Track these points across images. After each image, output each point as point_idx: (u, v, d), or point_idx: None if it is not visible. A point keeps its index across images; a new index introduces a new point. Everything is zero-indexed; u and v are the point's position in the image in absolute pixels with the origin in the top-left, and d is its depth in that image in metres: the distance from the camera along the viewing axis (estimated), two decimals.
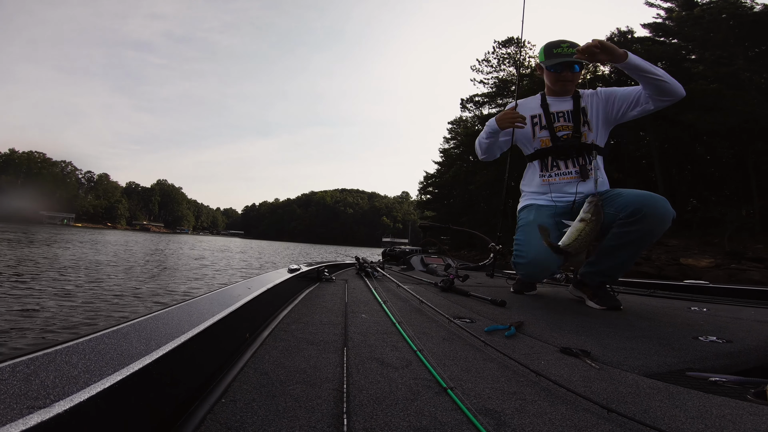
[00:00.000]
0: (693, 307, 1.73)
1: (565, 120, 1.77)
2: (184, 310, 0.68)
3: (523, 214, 1.84)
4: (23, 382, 0.33)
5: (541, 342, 0.99)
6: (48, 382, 0.34)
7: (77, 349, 0.42)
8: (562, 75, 1.74)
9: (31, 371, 0.35)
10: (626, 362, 0.85)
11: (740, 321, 1.41)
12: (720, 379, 0.75)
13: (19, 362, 0.36)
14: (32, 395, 0.31)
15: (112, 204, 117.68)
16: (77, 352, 0.41)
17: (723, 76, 14.32)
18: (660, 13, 18.83)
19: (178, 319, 0.62)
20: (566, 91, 1.80)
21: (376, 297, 1.50)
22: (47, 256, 9.42)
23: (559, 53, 1.71)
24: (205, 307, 0.72)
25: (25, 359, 0.37)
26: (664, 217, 1.44)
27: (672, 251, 13.79)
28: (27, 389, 0.32)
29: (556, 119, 1.78)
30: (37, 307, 3.91)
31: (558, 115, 1.78)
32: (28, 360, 0.37)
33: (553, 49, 1.72)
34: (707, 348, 0.98)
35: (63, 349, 0.42)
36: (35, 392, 0.32)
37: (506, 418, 0.54)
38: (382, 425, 0.50)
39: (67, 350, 0.42)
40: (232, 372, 0.65)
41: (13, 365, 0.36)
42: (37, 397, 0.31)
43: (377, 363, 0.75)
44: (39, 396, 0.31)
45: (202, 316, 0.65)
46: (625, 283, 2.62)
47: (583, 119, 1.76)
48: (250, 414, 0.51)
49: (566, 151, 1.73)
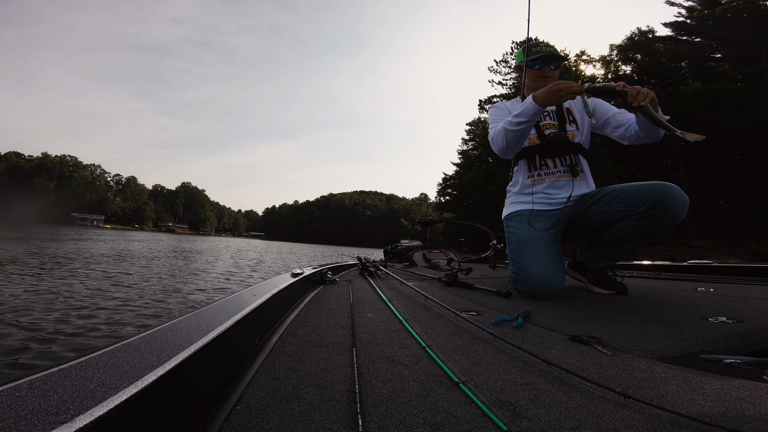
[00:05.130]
0: (699, 288, 1.73)
1: (551, 119, 1.77)
2: (192, 321, 0.68)
3: (514, 224, 1.74)
4: (41, 398, 0.33)
5: (550, 331, 0.99)
6: (66, 397, 0.34)
7: (91, 364, 0.43)
8: (543, 71, 1.75)
9: (48, 387, 0.35)
10: (638, 347, 0.84)
11: (748, 300, 1.40)
12: (735, 360, 0.75)
13: (36, 379, 0.37)
14: (53, 410, 0.31)
15: (140, 206, 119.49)
16: (91, 367, 0.42)
17: (748, 74, 14.26)
18: (681, 12, 18.89)
19: (187, 329, 0.62)
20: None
21: (381, 296, 1.50)
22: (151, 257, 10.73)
23: (538, 51, 1.74)
24: (213, 316, 0.73)
25: (41, 375, 0.38)
26: (684, 206, 1.43)
27: (697, 252, 13.75)
28: (47, 405, 0.32)
29: (542, 117, 1.77)
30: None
31: (543, 113, 1.77)
32: (44, 376, 0.38)
33: (532, 48, 1.76)
34: (718, 329, 0.98)
35: (77, 364, 0.42)
36: (55, 407, 0.32)
37: (521, 409, 0.54)
38: (397, 423, 0.51)
39: (81, 365, 0.42)
40: (244, 379, 0.65)
41: (29, 382, 0.36)
42: (58, 413, 0.31)
43: (387, 361, 0.75)
44: (59, 411, 0.31)
45: (211, 325, 0.65)
46: (628, 266, 2.61)
47: (568, 118, 1.76)
48: (266, 420, 0.51)
49: (554, 149, 1.71)
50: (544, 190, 1.71)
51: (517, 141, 1.61)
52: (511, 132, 1.58)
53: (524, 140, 1.64)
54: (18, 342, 2.52)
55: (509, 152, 1.68)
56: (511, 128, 1.57)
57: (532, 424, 0.50)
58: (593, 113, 1.75)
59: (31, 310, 3.37)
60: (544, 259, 1.55)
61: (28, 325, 2.93)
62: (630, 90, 1.36)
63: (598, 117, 1.74)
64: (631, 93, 1.35)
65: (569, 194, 1.66)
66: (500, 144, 1.64)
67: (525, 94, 1.80)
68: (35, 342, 2.56)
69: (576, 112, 1.77)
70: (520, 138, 1.60)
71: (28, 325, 2.91)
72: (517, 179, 1.82)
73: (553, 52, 1.74)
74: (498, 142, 1.65)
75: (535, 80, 1.77)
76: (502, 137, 1.62)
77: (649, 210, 1.44)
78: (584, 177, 1.72)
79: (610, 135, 1.73)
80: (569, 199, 1.66)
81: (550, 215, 1.68)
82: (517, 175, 1.83)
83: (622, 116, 1.65)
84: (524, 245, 1.64)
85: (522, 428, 0.49)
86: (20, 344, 2.48)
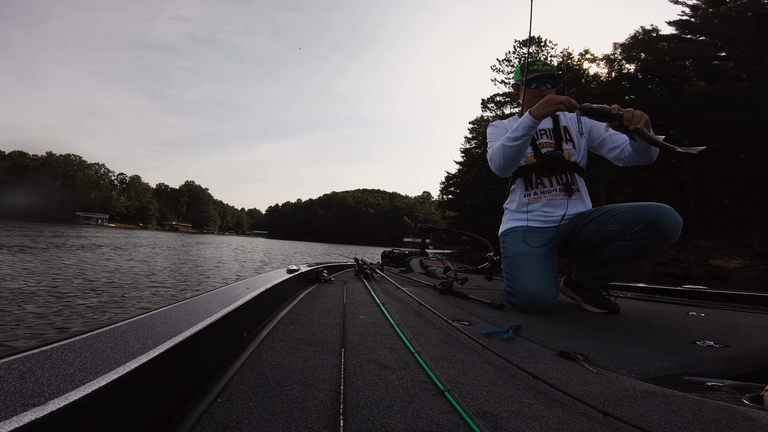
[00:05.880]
0: (691, 312, 1.73)
1: (548, 137, 1.78)
2: (182, 309, 0.68)
3: (509, 240, 1.75)
4: (18, 379, 0.33)
5: (539, 345, 0.99)
6: (43, 380, 0.33)
7: (73, 347, 0.42)
8: (539, 90, 1.77)
9: (26, 369, 0.35)
10: (623, 366, 0.84)
11: (739, 326, 1.40)
12: (716, 383, 0.75)
13: (15, 360, 0.36)
14: (27, 393, 0.31)
15: (144, 205, 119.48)
16: (73, 350, 0.41)
17: (752, 74, 14.20)
18: (685, 11, 18.90)
19: (176, 318, 0.62)
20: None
21: (375, 298, 1.49)
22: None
23: (536, 69, 1.77)
24: (203, 307, 0.72)
25: (20, 357, 0.37)
26: (678, 228, 1.43)
27: (701, 252, 13.65)
28: (22, 387, 0.32)
29: (538, 136, 1.79)
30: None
31: (540, 132, 1.80)
32: (23, 357, 0.37)
33: (529, 67, 1.79)
34: (704, 353, 0.98)
35: (59, 347, 0.42)
36: (30, 390, 0.31)
37: (503, 421, 0.54)
38: (379, 427, 0.50)
39: (63, 348, 0.41)
40: (229, 372, 0.65)
41: (8, 362, 0.36)
42: (32, 395, 0.31)
43: (375, 364, 0.75)
44: (34, 394, 0.31)
45: (200, 316, 0.65)
46: (622, 287, 2.61)
47: (565, 137, 1.77)
48: (246, 414, 0.51)
49: (550, 167, 1.71)
50: (540, 209, 1.72)
51: (515, 157, 1.62)
52: (509, 148, 1.58)
53: (521, 157, 1.65)
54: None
55: (507, 170, 1.68)
56: (509, 144, 1.58)
57: None
58: (589, 133, 1.77)
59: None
60: (538, 273, 1.56)
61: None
62: (625, 113, 1.37)
63: (594, 137, 1.76)
64: (626, 116, 1.36)
65: (563, 214, 1.67)
66: (498, 162, 1.65)
67: (523, 113, 1.82)
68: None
69: (573, 132, 1.79)
70: (517, 154, 1.60)
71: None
72: (514, 197, 1.83)
73: (550, 72, 1.76)
74: (496, 160, 1.66)
75: (532, 99, 1.78)
76: (500, 155, 1.63)
77: (643, 231, 1.45)
78: (580, 196, 1.73)
79: (606, 156, 1.74)
80: (563, 218, 1.67)
81: (545, 232, 1.69)
82: (513, 194, 1.84)
83: (618, 137, 1.66)
84: (518, 260, 1.64)
85: None
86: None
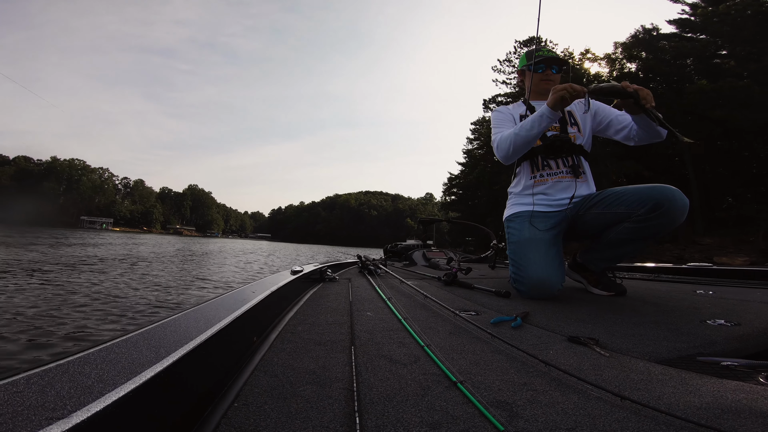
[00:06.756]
0: (698, 290, 1.73)
1: None
2: (191, 317, 0.68)
3: (515, 225, 1.74)
4: (39, 393, 0.33)
5: (548, 332, 0.99)
6: (63, 393, 0.34)
7: (89, 360, 0.43)
8: (545, 74, 1.78)
9: (45, 382, 0.36)
10: (636, 349, 0.84)
11: (747, 303, 1.40)
12: (731, 363, 0.75)
13: (33, 374, 0.37)
14: (49, 406, 0.31)
15: (148, 209, 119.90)
16: (89, 363, 0.42)
17: (753, 71, 14.20)
18: (685, 9, 18.87)
19: (186, 326, 0.62)
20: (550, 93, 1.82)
21: (380, 294, 1.50)
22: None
23: (540, 55, 1.78)
24: (212, 313, 0.73)
25: (38, 371, 0.38)
26: (684, 209, 1.43)
27: (706, 250, 13.69)
28: (44, 400, 0.32)
29: None
30: None
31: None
32: (41, 372, 0.38)
33: (534, 53, 1.79)
34: (716, 332, 0.98)
35: (75, 359, 0.42)
36: (52, 403, 0.32)
37: (518, 409, 0.55)
38: (394, 422, 0.51)
39: (79, 361, 0.42)
40: (242, 376, 0.65)
41: (27, 377, 0.36)
42: (55, 408, 0.31)
43: (385, 360, 0.75)
44: (56, 407, 0.31)
45: (210, 322, 0.65)
46: (627, 268, 2.61)
47: (570, 120, 1.77)
48: (263, 417, 0.51)
49: (556, 150, 1.70)
50: (545, 191, 1.71)
51: (524, 148, 1.62)
52: (522, 138, 1.57)
53: (529, 147, 1.64)
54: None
55: (513, 158, 1.67)
56: (522, 133, 1.57)
57: (529, 424, 0.50)
58: (594, 115, 1.77)
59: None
60: (544, 259, 1.55)
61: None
62: (639, 91, 1.35)
63: (600, 120, 1.75)
64: (642, 95, 1.35)
65: (571, 195, 1.66)
66: (506, 150, 1.63)
67: (529, 98, 1.83)
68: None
69: (577, 115, 1.78)
70: (528, 145, 1.60)
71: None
72: (519, 180, 1.82)
73: (555, 56, 1.77)
74: (504, 148, 1.64)
75: (538, 83, 1.80)
76: (510, 143, 1.61)
77: (649, 212, 1.44)
78: (586, 179, 1.72)
79: (613, 137, 1.73)
80: (572, 200, 1.66)
81: (551, 216, 1.68)
82: (519, 177, 1.83)
83: (624, 117, 1.65)
84: (524, 246, 1.64)
85: (518, 428, 0.49)
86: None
